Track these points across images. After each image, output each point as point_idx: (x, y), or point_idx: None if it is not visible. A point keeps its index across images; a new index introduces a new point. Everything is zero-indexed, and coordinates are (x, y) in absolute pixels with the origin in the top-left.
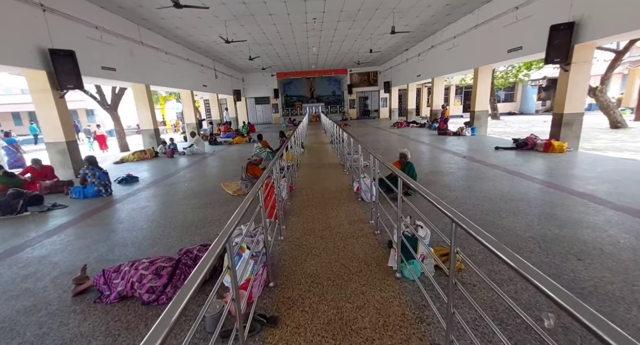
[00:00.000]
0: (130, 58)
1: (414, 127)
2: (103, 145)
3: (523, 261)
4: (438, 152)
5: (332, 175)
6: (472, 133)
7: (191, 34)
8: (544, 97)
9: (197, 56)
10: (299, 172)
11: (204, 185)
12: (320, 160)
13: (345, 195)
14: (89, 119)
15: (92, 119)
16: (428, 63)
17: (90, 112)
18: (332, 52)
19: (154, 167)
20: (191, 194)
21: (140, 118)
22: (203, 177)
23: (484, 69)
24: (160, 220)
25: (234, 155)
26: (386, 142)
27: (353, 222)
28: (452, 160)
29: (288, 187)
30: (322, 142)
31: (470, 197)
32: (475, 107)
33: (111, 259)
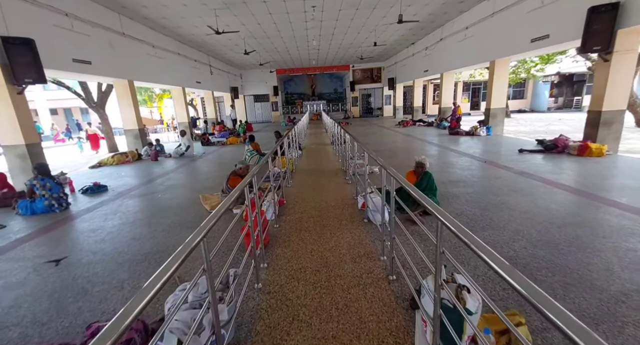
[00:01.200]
0: (110, 50)
1: (420, 126)
2: (95, 145)
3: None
4: (453, 156)
5: (332, 185)
6: (488, 133)
7: (180, 25)
8: (556, 94)
9: (190, 50)
10: (293, 179)
11: (180, 197)
12: (319, 165)
13: (348, 213)
14: (83, 117)
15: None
16: (436, 57)
17: (84, 110)
18: (334, 46)
19: (133, 172)
20: (162, 209)
21: (124, 117)
22: (183, 185)
23: (501, 62)
24: (108, 250)
25: (224, 157)
26: (392, 143)
27: (358, 257)
28: (471, 166)
29: (277, 203)
30: (323, 143)
31: (509, 219)
32: (491, 104)
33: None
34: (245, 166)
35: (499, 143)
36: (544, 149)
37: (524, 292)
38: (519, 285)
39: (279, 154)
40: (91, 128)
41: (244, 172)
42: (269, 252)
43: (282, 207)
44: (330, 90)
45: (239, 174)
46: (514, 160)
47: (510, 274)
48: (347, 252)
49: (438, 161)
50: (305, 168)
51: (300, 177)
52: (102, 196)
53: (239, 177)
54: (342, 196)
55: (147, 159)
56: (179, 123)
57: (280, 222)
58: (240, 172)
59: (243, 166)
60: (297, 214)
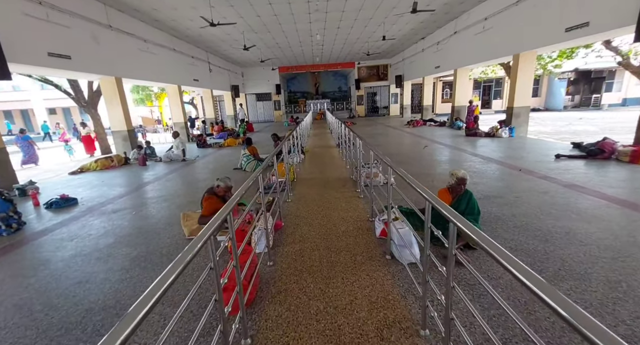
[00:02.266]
0: (94, 45)
1: (432, 126)
2: (90, 147)
3: None
4: (478, 162)
5: (340, 200)
6: (510, 134)
7: (174, 18)
8: (572, 92)
9: (186, 46)
10: (294, 192)
11: (156, 215)
12: (325, 173)
13: (363, 243)
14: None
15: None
16: (449, 52)
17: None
18: (339, 42)
19: (115, 180)
20: (131, 232)
21: (111, 117)
22: (165, 198)
23: (526, 55)
24: (36, 304)
25: (220, 162)
26: (403, 145)
27: (387, 326)
28: (504, 175)
29: (272, 227)
30: (328, 146)
31: (588, 260)
32: (515, 102)
33: None
34: (225, 186)
35: (526, 146)
36: (587, 155)
37: None
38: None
39: (276, 161)
40: (85, 129)
41: (223, 193)
42: (256, 312)
43: (278, 232)
44: (334, 88)
45: (215, 194)
46: (554, 169)
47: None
48: (369, 316)
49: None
50: (309, 176)
51: (302, 189)
52: (69, 212)
53: (216, 198)
54: (354, 216)
55: (135, 163)
56: (174, 123)
57: (276, 256)
58: (218, 192)
59: (223, 184)
60: (298, 244)
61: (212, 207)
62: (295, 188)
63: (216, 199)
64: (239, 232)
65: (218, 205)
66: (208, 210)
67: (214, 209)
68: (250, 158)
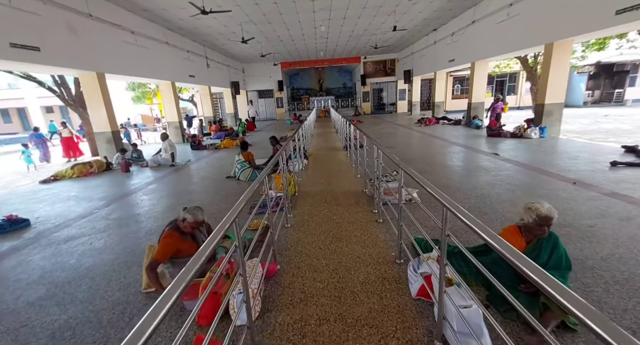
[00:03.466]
0: (70, 35)
1: (445, 124)
2: (70, 150)
3: None
4: (516, 171)
5: (354, 227)
6: (541, 134)
7: (163, 6)
8: (592, 87)
9: (181, 40)
10: (294, 211)
11: (116, 248)
12: (332, 183)
13: (396, 311)
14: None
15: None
16: (466, 44)
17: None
18: (345, 34)
19: (86, 192)
20: (71, 279)
21: (93, 117)
22: (136, 219)
23: (561, 45)
24: None
25: (214, 167)
26: (416, 147)
27: None
28: (560, 192)
29: (263, 276)
30: (333, 148)
31: None
32: (546, 98)
33: None
34: (194, 220)
35: (565, 150)
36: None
37: None
38: None
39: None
40: (64, 129)
41: (189, 229)
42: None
43: (271, 280)
44: (339, 84)
45: (178, 230)
46: (619, 181)
47: None
48: None
49: (499, 181)
50: (313, 188)
51: (304, 207)
52: (10, 239)
53: (180, 235)
54: (375, 254)
55: (118, 169)
56: (168, 122)
57: (265, 330)
58: (183, 227)
59: (191, 218)
60: (298, 309)
61: (170, 249)
62: (296, 205)
63: (179, 237)
64: (210, 298)
65: (181, 245)
66: (164, 253)
67: (172, 252)
68: (245, 165)
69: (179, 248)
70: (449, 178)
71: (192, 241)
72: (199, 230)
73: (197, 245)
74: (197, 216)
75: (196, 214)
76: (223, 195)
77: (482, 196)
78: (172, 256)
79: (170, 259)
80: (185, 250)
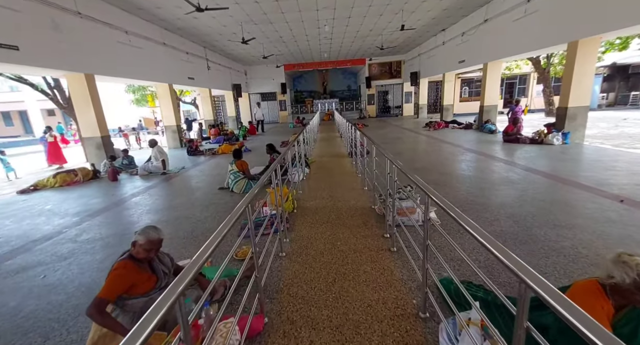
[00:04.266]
0: (55, 34)
1: (455, 128)
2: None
3: None
4: (545, 184)
5: (362, 258)
6: (564, 140)
7: (158, 4)
8: (606, 89)
9: (179, 40)
10: (291, 235)
11: (74, 281)
12: (336, 197)
13: None
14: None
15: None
16: (477, 44)
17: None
18: (350, 34)
19: (64, 204)
20: (1, 332)
21: (82, 121)
22: (108, 242)
23: (587, 43)
24: None
25: (209, 175)
26: (425, 153)
27: None
28: (606, 212)
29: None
30: (337, 154)
31: None
32: (569, 101)
33: None
34: (146, 240)
35: (595, 158)
36: None
37: None
38: None
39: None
40: (49, 134)
41: (144, 254)
42: None
43: (255, 341)
44: (343, 87)
45: (134, 257)
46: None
47: None
48: None
49: (528, 195)
50: (314, 204)
51: (304, 229)
52: None
53: (134, 264)
54: (392, 299)
55: (105, 177)
56: (165, 127)
57: None
58: (136, 253)
59: (142, 239)
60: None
61: (121, 283)
62: (294, 226)
63: (135, 268)
64: None
65: (136, 278)
66: (112, 289)
67: (124, 287)
68: (239, 175)
69: (134, 282)
70: (470, 192)
71: (151, 273)
72: (158, 260)
73: (156, 277)
74: (149, 235)
75: (148, 233)
76: (213, 210)
77: (513, 216)
78: (125, 293)
79: (121, 299)
80: (141, 284)
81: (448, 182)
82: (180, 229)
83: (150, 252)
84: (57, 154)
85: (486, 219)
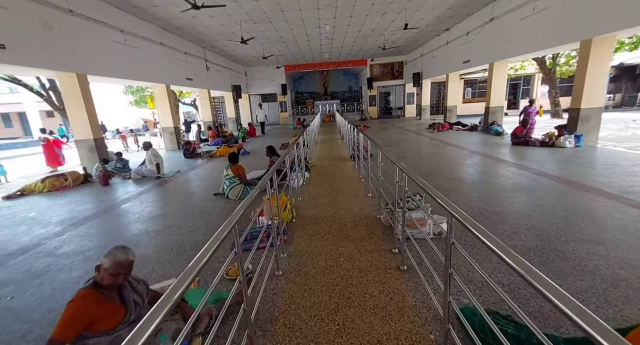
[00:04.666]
0: (44, 32)
1: (460, 130)
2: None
3: None
4: (564, 192)
5: (368, 277)
6: (577, 143)
7: (154, 3)
8: (613, 90)
9: (177, 40)
10: (289, 249)
11: (43, 305)
12: (338, 205)
13: None
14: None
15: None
16: (483, 43)
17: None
18: (352, 34)
19: (49, 212)
20: None
21: (74, 123)
22: (89, 258)
23: (602, 41)
24: None
25: (203, 180)
26: (431, 156)
27: None
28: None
29: None
30: (339, 157)
31: None
32: (582, 102)
33: None
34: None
35: (613, 163)
36: None
37: None
38: None
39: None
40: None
41: (110, 281)
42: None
43: None
44: (344, 88)
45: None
46: None
47: None
48: None
49: (548, 204)
50: (314, 212)
51: (303, 242)
52: None
53: (98, 294)
54: (404, 340)
55: (97, 181)
56: (163, 129)
57: None
58: (102, 279)
59: (108, 263)
60: None
61: (78, 319)
62: (292, 238)
63: (97, 299)
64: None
65: (98, 311)
66: (68, 327)
67: (84, 324)
68: (235, 181)
69: (96, 316)
70: (483, 200)
71: (120, 303)
72: (130, 287)
73: (125, 308)
74: (116, 257)
75: (115, 255)
76: (206, 219)
77: (534, 228)
78: (85, 330)
79: (81, 338)
80: (106, 318)
81: (458, 188)
82: (168, 241)
83: (117, 277)
84: (53, 156)
85: (504, 231)
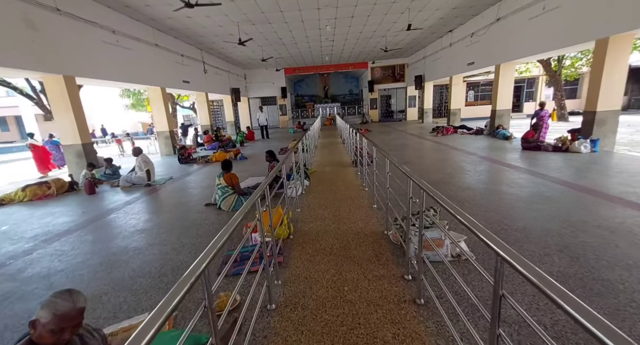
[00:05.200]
0: (27, 32)
1: (465, 134)
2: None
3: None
4: (591, 203)
5: (379, 314)
6: (593, 148)
7: (147, 2)
8: None
9: (173, 42)
10: (284, 275)
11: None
12: (339, 218)
13: None
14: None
15: None
16: (489, 44)
17: None
18: (353, 35)
19: (25, 224)
20: None
21: (62, 127)
22: (54, 283)
23: (619, 40)
24: None
25: (198, 187)
26: (437, 162)
27: None
28: None
29: None
30: (340, 163)
31: None
32: (598, 104)
33: None
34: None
35: (636, 169)
36: None
37: None
38: None
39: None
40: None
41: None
42: None
43: None
44: (345, 91)
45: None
46: None
47: None
48: None
49: (577, 219)
50: (314, 227)
51: (299, 265)
52: None
53: None
54: None
55: (82, 190)
56: (158, 133)
57: None
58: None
59: (47, 317)
60: None
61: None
62: (289, 260)
63: None
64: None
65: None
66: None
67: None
68: (228, 190)
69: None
70: (502, 213)
71: None
72: (80, 341)
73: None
74: (57, 308)
75: (56, 304)
76: (193, 234)
77: (567, 249)
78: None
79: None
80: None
81: (471, 198)
82: (147, 263)
83: (62, 333)
84: (43, 161)
85: (533, 252)
